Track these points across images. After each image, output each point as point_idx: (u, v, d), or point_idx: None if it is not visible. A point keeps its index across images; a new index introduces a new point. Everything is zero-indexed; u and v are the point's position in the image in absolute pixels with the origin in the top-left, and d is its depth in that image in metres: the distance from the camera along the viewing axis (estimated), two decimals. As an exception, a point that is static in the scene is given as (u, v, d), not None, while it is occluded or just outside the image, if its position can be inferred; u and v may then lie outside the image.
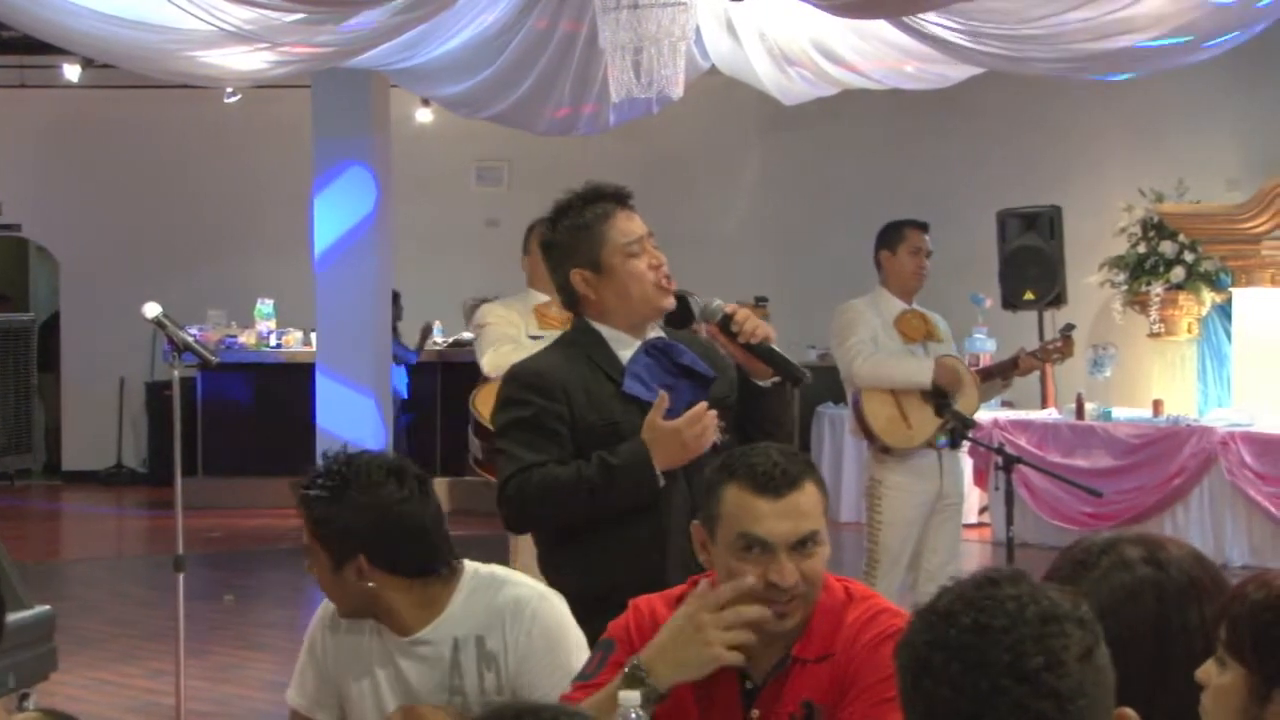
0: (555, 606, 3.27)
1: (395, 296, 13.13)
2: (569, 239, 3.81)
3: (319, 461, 3.26)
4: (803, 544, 2.85)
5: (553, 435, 3.70)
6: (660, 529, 3.67)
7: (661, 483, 3.66)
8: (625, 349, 3.81)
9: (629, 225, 3.80)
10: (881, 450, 6.68)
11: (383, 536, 3.14)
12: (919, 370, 6.59)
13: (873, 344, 6.65)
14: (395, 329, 12.96)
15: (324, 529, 3.17)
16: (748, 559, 2.85)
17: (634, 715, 2.57)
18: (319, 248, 11.81)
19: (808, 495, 2.87)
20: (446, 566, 3.24)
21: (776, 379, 3.87)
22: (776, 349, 3.84)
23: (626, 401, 3.75)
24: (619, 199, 3.85)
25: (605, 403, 3.74)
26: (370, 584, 3.17)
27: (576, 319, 3.90)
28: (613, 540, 3.67)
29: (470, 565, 3.29)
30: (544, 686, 3.10)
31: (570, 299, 3.88)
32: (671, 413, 3.67)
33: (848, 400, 6.94)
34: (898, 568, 6.63)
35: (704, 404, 3.68)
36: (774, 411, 3.94)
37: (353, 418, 11.14)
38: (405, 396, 13.33)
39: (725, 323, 3.80)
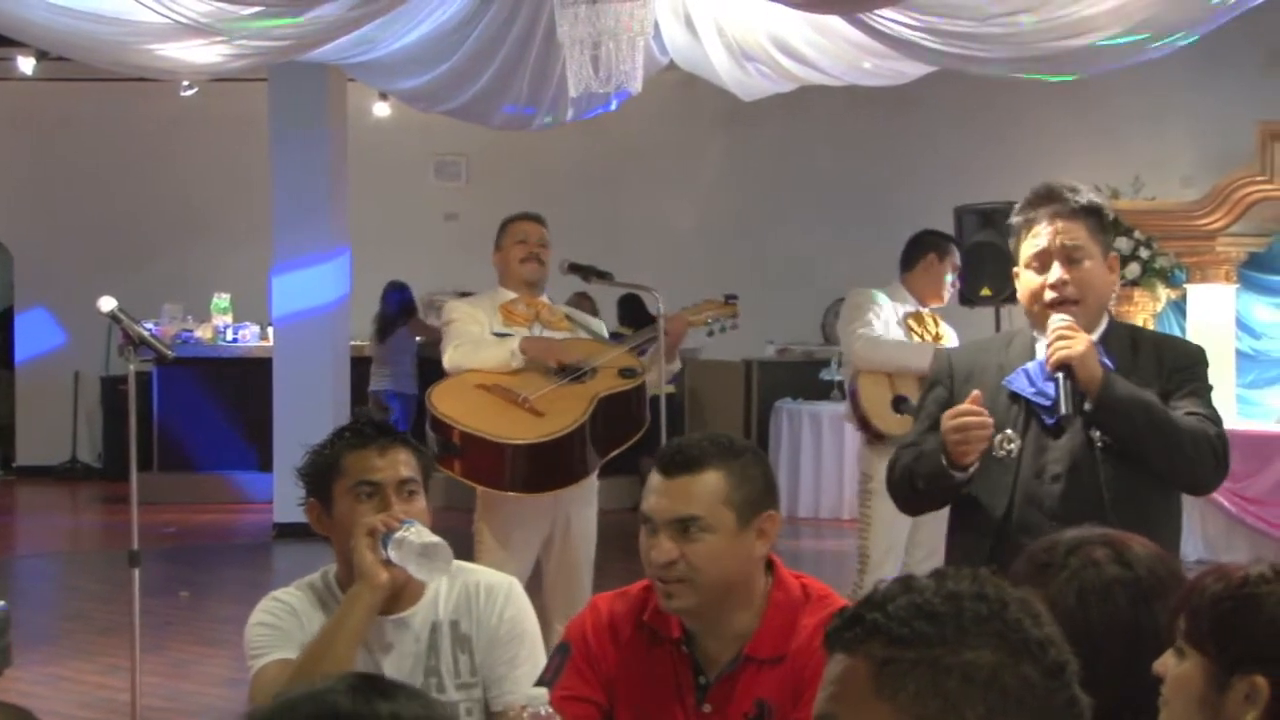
0: (522, 596, 3.33)
1: (399, 288, 12.97)
2: (1010, 236, 3.89)
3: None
4: (683, 526, 2.87)
5: (931, 419, 3.69)
6: (987, 517, 3.59)
7: (957, 479, 3.53)
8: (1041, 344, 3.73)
9: (1034, 239, 3.70)
10: (875, 438, 6.68)
11: None
12: (917, 354, 6.52)
13: (880, 328, 6.71)
14: (393, 322, 12.77)
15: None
16: (645, 533, 2.92)
17: (544, 712, 2.56)
18: (276, 244, 11.74)
19: (701, 482, 2.88)
20: None
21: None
22: (1062, 377, 3.56)
23: (1010, 396, 3.67)
24: (1046, 203, 3.68)
25: (989, 394, 3.63)
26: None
27: None
28: (960, 524, 3.70)
29: None
30: (510, 679, 3.16)
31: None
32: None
33: (845, 389, 6.95)
34: (887, 564, 6.64)
35: (965, 405, 3.50)
36: (1119, 430, 3.56)
37: (311, 412, 11.06)
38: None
39: None
